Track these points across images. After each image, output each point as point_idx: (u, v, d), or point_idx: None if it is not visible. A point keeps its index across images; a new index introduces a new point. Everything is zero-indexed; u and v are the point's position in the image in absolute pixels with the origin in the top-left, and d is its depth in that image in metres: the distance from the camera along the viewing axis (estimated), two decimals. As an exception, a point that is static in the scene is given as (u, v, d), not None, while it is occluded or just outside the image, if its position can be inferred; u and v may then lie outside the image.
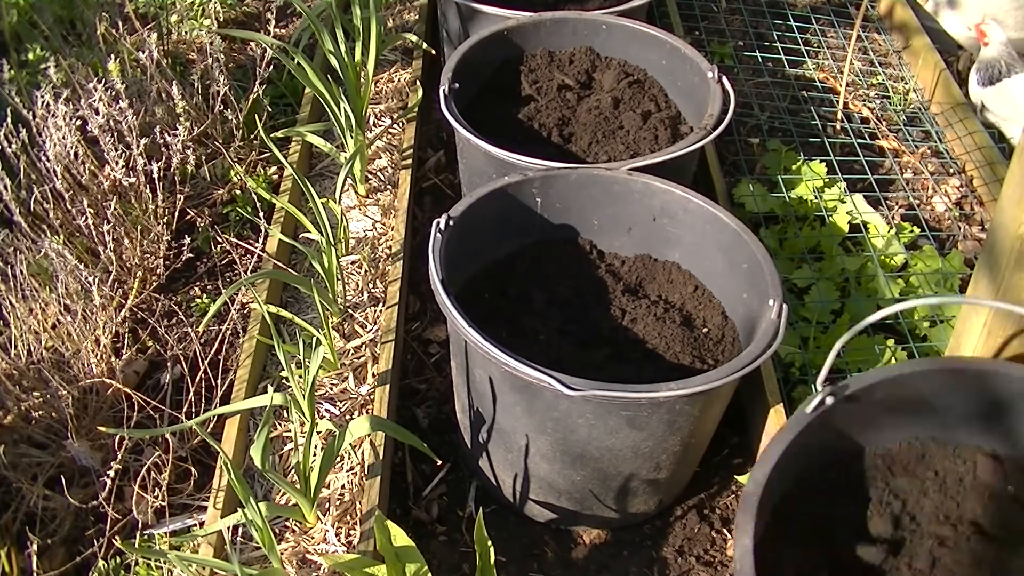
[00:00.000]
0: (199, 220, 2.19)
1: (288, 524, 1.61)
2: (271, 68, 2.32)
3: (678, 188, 1.66)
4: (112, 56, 2.17)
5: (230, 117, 2.32)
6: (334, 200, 2.00)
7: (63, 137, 1.91)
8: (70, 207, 1.95)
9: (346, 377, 1.84)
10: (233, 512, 1.50)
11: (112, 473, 1.57)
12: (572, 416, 1.37)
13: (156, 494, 1.61)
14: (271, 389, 1.49)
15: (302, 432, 1.53)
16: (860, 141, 2.53)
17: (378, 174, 2.37)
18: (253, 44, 2.73)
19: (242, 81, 2.59)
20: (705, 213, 1.63)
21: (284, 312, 1.87)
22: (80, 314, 1.73)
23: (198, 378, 1.75)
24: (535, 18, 2.15)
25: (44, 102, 1.93)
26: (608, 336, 1.60)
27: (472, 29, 2.26)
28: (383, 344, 1.80)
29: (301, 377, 1.57)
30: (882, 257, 2.12)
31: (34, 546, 1.44)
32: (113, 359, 1.76)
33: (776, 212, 2.25)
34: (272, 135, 2.13)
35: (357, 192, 2.29)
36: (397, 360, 1.83)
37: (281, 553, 1.56)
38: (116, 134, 2.01)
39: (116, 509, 1.59)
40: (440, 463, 1.70)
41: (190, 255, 2.07)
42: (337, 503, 1.63)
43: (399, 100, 2.62)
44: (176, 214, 2.10)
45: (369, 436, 1.65)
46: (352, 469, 1.68)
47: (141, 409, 1.70)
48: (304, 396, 1.54)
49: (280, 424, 1.77)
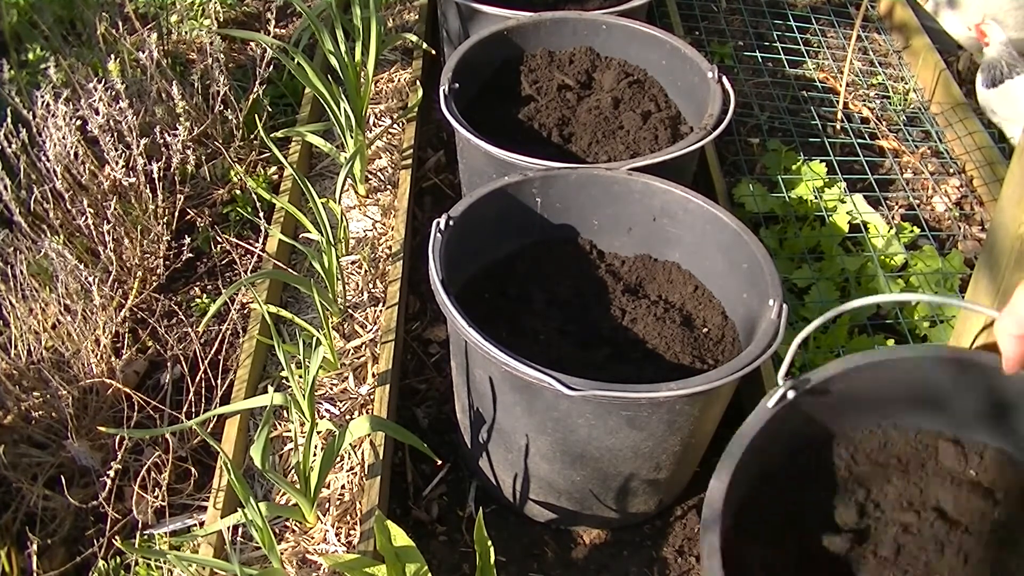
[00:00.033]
0: (199, 220, 2.19)
1: (288, 524, 1.61)
2: (271, 68, 2.32)
3: (678, 188, 1.66)
4: (112, 56, 2.17)
5: (230, 117, 2.32)
6: (334, 200, 2.00)
7: (63, 137, 1.91)
8: (70, 207, 1.95)
9: (346, 377, 1.84)
10: (233, 512, 1.50)
11: (112, 473, 1.57)
12: (572, 416, 1.37)
13: (156, 494, 1.61)
14: (271, 389, 1.50)
15: (302, 432, 1.53)
16: (860, 141, 2.53)
17: (378, 174, 2.37)
18: (253, 44, 2.73)
19: (242, 81, 2.59)
20: (705, 213, 1.63)
21: (284, 312, 1.87)
22: (80, 314, 1.73)
23: (198, 378, 1.75)
24: (535, 18, 2.15)
25: (44, 102, 1.93)
26: (608, 336, 1.60)
27: (472, 29, 2.26)
28: (383, 344, 1.80)
29: (301, 377, 1.57)
30: (882, 257, 2.12)
31: (34, 546, 1.44)
32: (113, 359, 1.76)
33: (776, 212, 2.25)
34: (272, 135, 2.13)
35: (357, 192, 2.29)
36: (397, 360, 1.83)
37: (281, 553, 1.56)
38: (116, 134, 2.01)
39: (116, 509, 1.59)
40: (440, 463, 1.70)
41: (190, 255, 2.07)
42: (337, 503, 1.63)
43: (399, 100, 2.62)
44: (176, 214, 2.10)
45: (369, 436, 1.65)
46: (352, 469, 1.68)
47: (141, 409, 1.70)
48: (304, 396, 1.54)
49: (280, 424, 1.77)
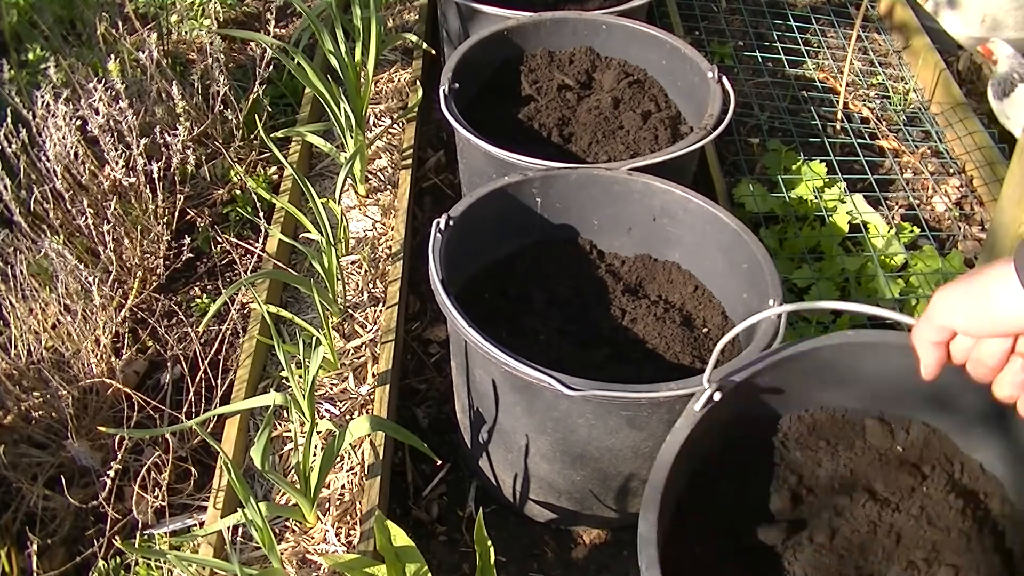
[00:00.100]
0: (199, 220, 2.19)
1: (288, 524, 1.61)
2: (271, 68, 2.32)
3: (678, 188, 1.66)
4: (112, 56, 2.17)
5: (230, 117, 2.32)
6: (334, 200, 2.00)
7: (63, 137, 1.91)
8: (70, 207, 1.95)
9: (346, 377, 1.84)
10: (233, 512, 1.50)
11: (112, 473, 1.57)
12: (572, 416, 1.37)
13: (156, 494, 1.61)
14: (271, 389, 1.50)
15: (302, 432, 1.53)
16: (860, 141, 2.53)
17: (378, 174, 2.37)
18: (253, 44, 2.73)
19: (242, 81, 2.59)
20: (705, 213, 1.63)
21: (284, 312, 1.87)
22: (80, 314, 1.73)
23: (198, 378, 1.75)
24: (535, 18, 2.15)
25: (44, 102, 1.93)
26: (608, 336, 1.60)
27: (472, 29, 2.26)
28: (383, 344, 1.80)
29: (301, 377, 1.57)
30: (882, 257, 2.12)
31: (34, 546, 1.44)
32: (113, 359, 1.76)
33: (776, 212, 2.25)
34: (272, 135, 2.13)
35: (357, 192, 2.29)
36: (397, 360, 1.83)
37: (281, 553, 1.56)
38: (116, 134, 2.01)
39: (116, 509, 1.59)
40: (440, 463, 1.70)
41: (190, 255, 2.07)
42: (337, 503, 1.63)
43: (399, 100, 2.62)
44: (176, 214, 2.10)
45: (369, 436, 1.65)
46: (352, 469, 1.68)
47: (141, 409, 1.70)
48: (304, 396, 1.54)
49: (280, 424, 1.77)
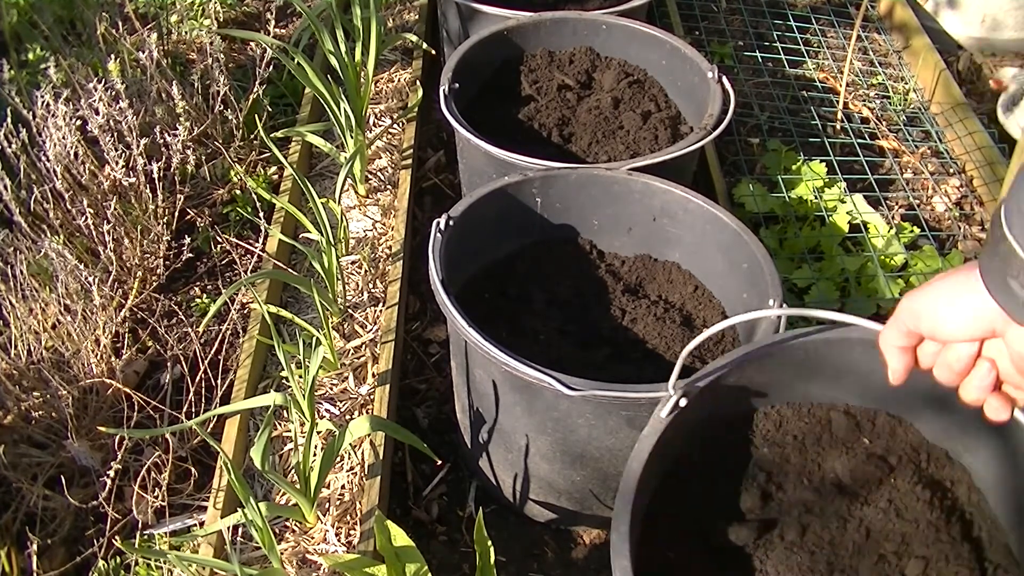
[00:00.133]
0: (199, 220, 2.19)
1: (288, 524, 1.61)
2: (271, 68, 2.32)
3: (678, 188, 1.66)
4: (112, 56, 2.17)
5: (230, 117, 2.32)
6: (334, 200, 2.00)
7: (63, 137, 1.91)
8: (70, 207, 1.95)
9: (346, 377, 1.84)
10: (233, 512, 1.50)
11: (112, 473, 1.57)
12: (572, 416, 1.37)
13: (156, 494, 1.61)
14: (271, 389, 1.50)
15: (302, 432, 1.53)
16: (860, 141, 2.53)
17: (378, 174, 2.37)
18: (253, 44, 2.73)
19: (242, 81, 2.59)
20: (705, 213, 1.63)
21: (284, 312, 1.87)
22: (80, 314, 1.73)
23: (198, 378, 1.75)
24: (535, 18, 2.15)
25: (44, 102, 1.93)
26: (608, 336, 1.60)
27: (472, 29, 2.26)
28: (383, 344, 1.80)
29: (301, 377, 1.57)
30: (882, 257, 2.12)
31: (34, 546, 1.44)
32: (113, 359, 1.76)
33: (776, 212, 2.25)
34: (272, 135, 2.13)
35: (357, 192, 2.29)
36: (397, 360, 1.83)
37: (281, 553, 1.56)
38: (116, 134, 2.01)
39: (116, 509, 1.59)
40: (440, 463, 1.70)
41: (190, 255, 2.07)
42: (337, 503, 1.63)
43: (399, 100, 2.62)
44: (176, 214, 2.10)
45: (369, 436, 1.65)
46: (352, 469, 1.68)
47: (141, 409, 1.70)
48: (304, 396, 1.54)
49: (280, 424, 1.77)
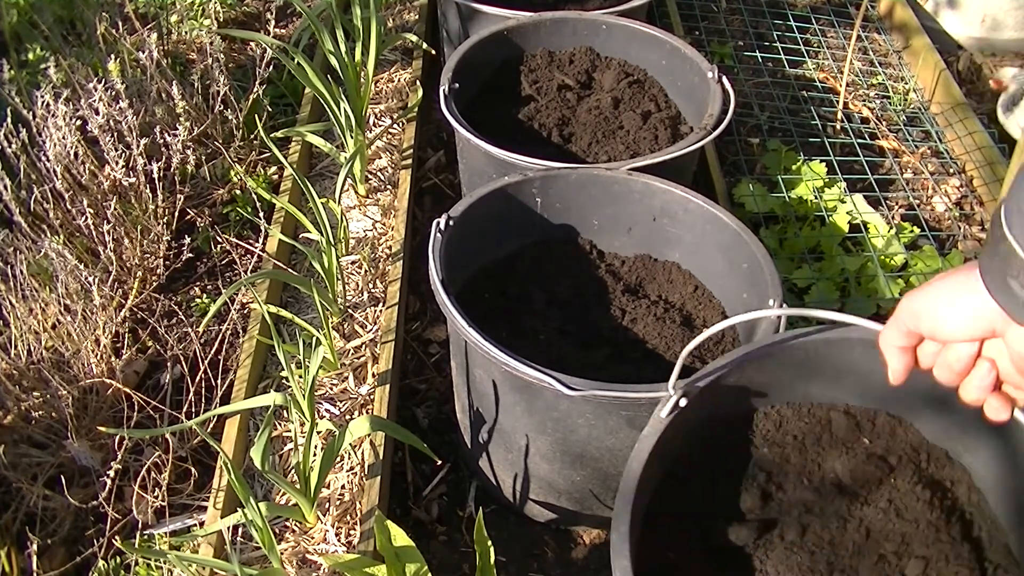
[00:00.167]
0: (199, 220, 2.19)
1: (288, 524, 1.61)
2: (271, 68, 2.32)
3: (678, 188, 1.66)
4: (112, 56, 2.17)
5: (230, 117, 2.32)
6: (334, 200, 2.00)
7: (63, 137, 1.91)
8: (70, 207, 1.95)
9: (346, 377, 1.84)
10: (233, 512, 1.50)
11: (112, 473, 1.57)
12: (572, 416, 1.37)
13: (156, 494, 1.61)
14: (271, 389, 1.50)
15: (302, 432, 1.53)
16: (860, 141, 2.53)
17: (378, 174, 2.37)
18: (253, 44, 2.73)
19: (242, 81, 2.59)
20: (705, 213, 1.63)
21: (284, 312, 1.87)
22: (80, 314, 1.73)
23: (198, 378, 1.75)
24: (535, 18, 2.15)
25: (44, 102, 1.93)
26: (608, 336, 1.60)
27: (472, 29, 2.26)
28: (383, 344, 1.80)
29: (301, 377, 1.57)
30: (882, 257, 2.12)
31: (34, 546, 1.44)
32: (113, 359, 1.76)
33: (776, 212, 2.25)
34: (272, 135, 2.13)
35: (357, 192, 2.29)
36: (397, 360, 1.83)
37: (281, 553, 1.56)
38: (116, 134, 2.01)
39: (116, 509, 1.59)
40: (440, 463, 1.70)
41: (190, 255, 2.07)
42: (337, 503, 1.63)
43: (399, 100, 2.62)
44: (176, 214, 2.10)
45: (369, 436, 1.65)
46: (352, 469, 1.68)
47: (141, 409, 1.70)
48: (304, 396, 1.54)
49: (280, 424, 1.77)
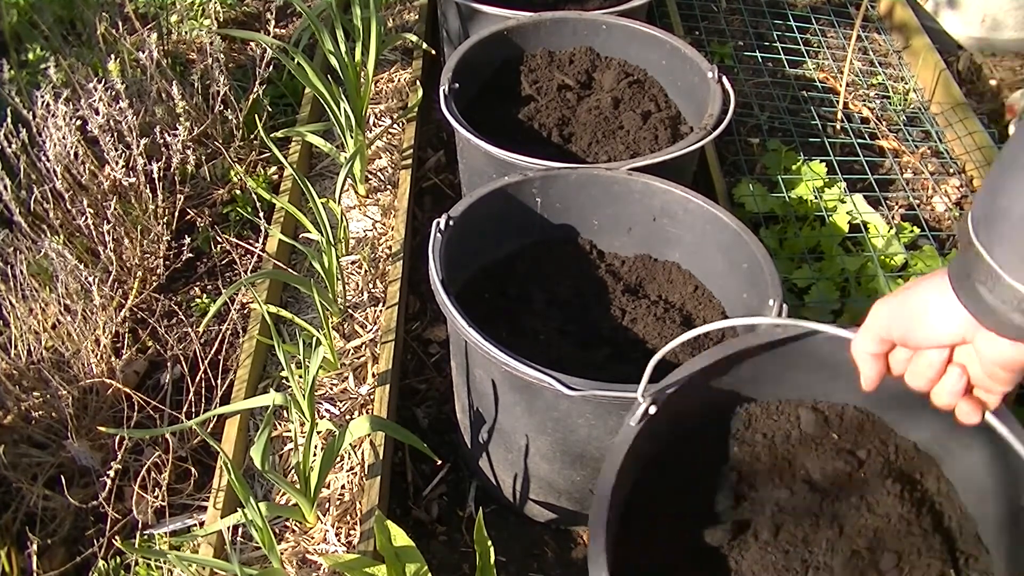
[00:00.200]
0: (199, 220, 2.19)
1: (288, 524, 1.61)
2: (271, 68, 2.32)
3: (678, 188, 1.66)
4: (112, 56, 2.17)
5: (230, 117, 2.32)
6: (334, 200, 2.00)
7: (63, 137, 1.91)
8: (70, 207, 1.95)
9: (346, 377, 1.84)
10: (233, 512, 1.50)
11: (112, 473, 1.57)
12: (572, 416, 1.37)
13: (156, 494, 1.61)
14: (271, 389, 1.50)
15: (302, 432, 1.53)
16: (860, 141, 2.53)
17: (378, 174, 2.37)
18: (253, 44, 2.73)
19: (242, 81, 2.59)
20: (705, 213, 1.63)
21: (284, 312, 1.87)
22: (80, 314, 1.73)
23: (198, 378, 1.75)
24: (535, 18, 2.15)
25: (44, 102, 1.93)
26: (608, 336, 1.59)
27: (472, 29, 2.26)
28: (383, 344, 1.80)
29: (301, 377, 1.57)
30: (882, 257, 2.12)
31: (34, 546, 1.44)
32: (113, 359, 1.76)
33: (776, 212, 2.25)
34: (272, 135, 2.13)
35: (357, 192, 2.29)
36: (397, 360, 1.83)
37: (281, 553, 1.56)
38: (116, 134, 2.01)
39: (116, 509, 1.59)
40: (440, 463, 1.70)
41: (190, 255, 2.07)
42: (337, 503, 1.63)
43: (399, 100, 2.62)
44: (176, 214, 2.10)
45: (369, 436, 1.65)
46: (352, 469, 1.68)
47: (141, 409, 1.70)
48: (304, 396, 1.54)
49: (280, 424, 1.77)
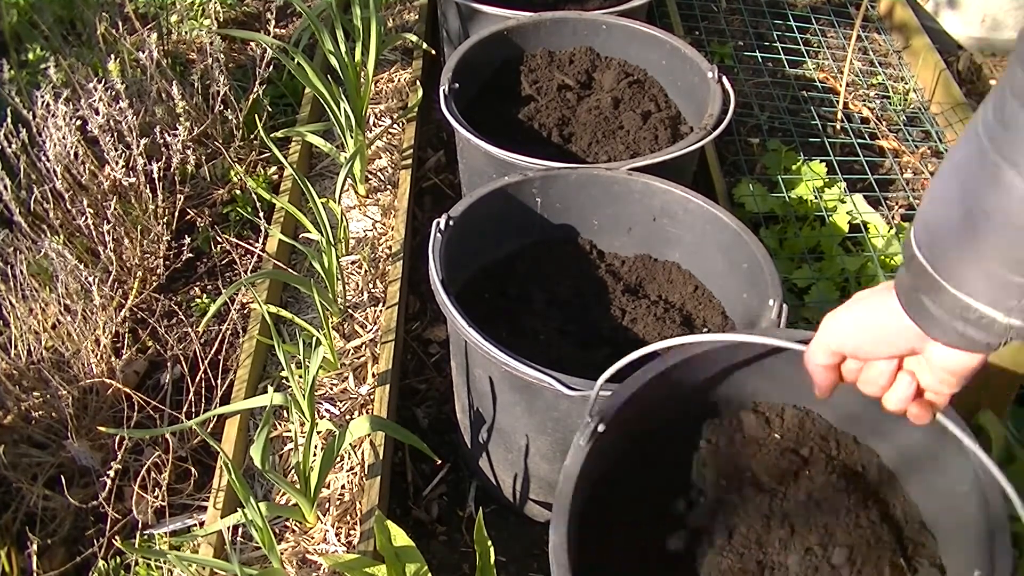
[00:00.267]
0: (199, 220, 2.19)
1: (288, 524, 1.61)
2: (271, 68, 2.32)
3: (678, 188, 1.66)
4: (112, 56, 2.17)
5: (230, 117, 2.32)
6: (334, 200, 2.00)
7: (63, 137, 1.91)
8: (70, 207, 1.95)
9: (346, 377, 1.84)
10: (233, 512, 1.50)
11: (112, 473, 1.57)
12: (572, 416, 1.37)
13: (156, 494, 1.61)
14: (271, 389, 1.50)
15: (302, 432, 1.53)
16: (860, 141, 2.53)
17: (378, 174, 2.37)
18: (253, 44, 2.73)
19: (242, 81, 2.59)
20: (705, 213, 1.63)
21: (284, 312, 1.87)
22: (80, 314, 1.73)
23: (198, 378, 1.75)
24: (535, 18, 2.15)
25: (44, 102, 1.93)
26: (608, 336, 1.59)
27: (472, 29, 2.26)
28: (383, 344, 1.80)
29: (301, 377, 1.57)
30: (882, 257, 2.12)
31: (34, 546, 1.44)
32: (113, 359, 1.76)
33: (776, 212, 2.25)
34: (272, 135, 2.13)
35: (357, 192, 2.29)
36: (397, 360, 1.83)
37: (281, 553, 1.56)
38: (116, 134, 2.01)
39: (116, 509, 1.59)
40: (440, 463, 1.70)
41: (190, 255, 2.07)
42: (337, 503, 1.63)
43: (399, 100, 2.62)
44: (176, 214, 2.10)
45: (369, 436, 1.65)
46: (352, 469, 1.68)
47: (141, 409, 1.70)
48: (304, 396, 1.54)
49: (280, 424, 1.77)
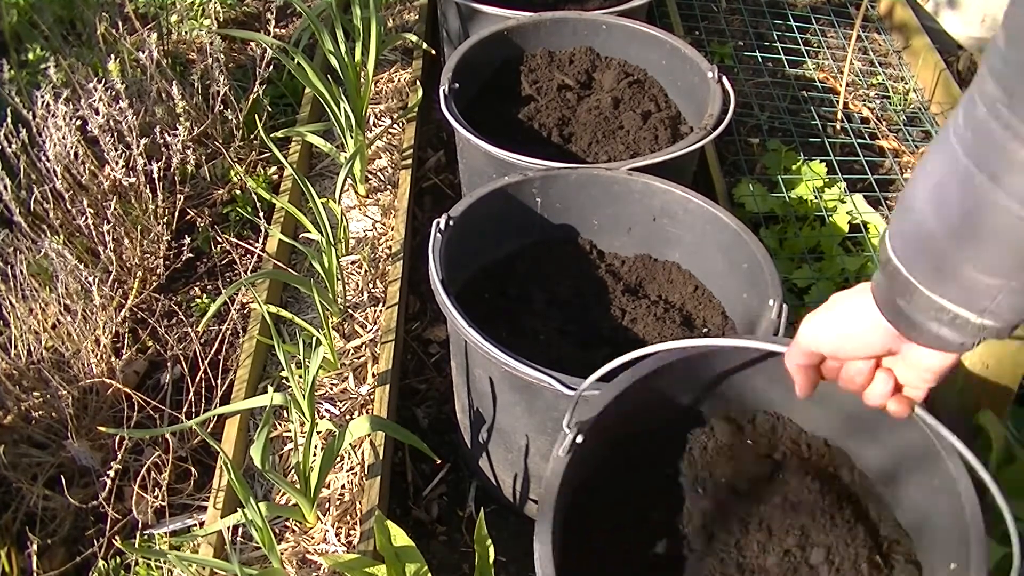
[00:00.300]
0: (199, 220, 2.19)
1: (288, 524, 1.61)
2: (271, 68, 2.32)
3: (678, 188, 1.66)
4: (112, 56, 2.17)
5: (230, 117, 2.32)
6: (334, 200, 2.00)
7: (63, 137, 1.91)
8: (70, 207, 1.95)
9: (346, 377, 1.84)
10: (233, 512, 1.50)
11: (112, 473, 1.57)
12: (572, 416, 1.37)
13: (156, 494, 1.61)
14: (271, 389, 1.50)
15: (302, 432, 1.53)
16: (860, 141, 2.53)
17: (378, 174, 2.37)
18: (253, 44, 2.73)
19: (242, 81, 2.59)
20: (705, 213, 1.63)
21: (284, 312, 1.87)
22: (80, 314, 1.73)
23: (198, 378, 1.75)
24: (535, 18, 2.15)
25: (44, 102, 1.93)
26: (608, 336, 1.59)
27: (472, 29, 2.26)
28: (383, 344, 1.80)
29: (301, 377, 1.57)
30: (882, 257, 2.12)
31: (34, 546, 1.44)
32: (113, 359, 1.76)
33: (776, 212, 2.25)
34: (272, 135, 2.13)
35: (357, 192, 2.29)
36: (397, 360, 1.83)
37: (281, 553, 1.56)
38: (116, 134, 2.01)
39: (116, 509, 1.59)
40: (440, 463, 1.70)
41: (190, 255, 2.07)
42: (337, 503, 1.63)
43: (399, 100, 2.62)
44: (176, 214, 2.10)
45: (369, 436, 1.65)
46: (352, 469, 1.68)
47: (141, 409, 1.70)
48: (304, 396, 1.54)
49: (280, 424, 1.77)
